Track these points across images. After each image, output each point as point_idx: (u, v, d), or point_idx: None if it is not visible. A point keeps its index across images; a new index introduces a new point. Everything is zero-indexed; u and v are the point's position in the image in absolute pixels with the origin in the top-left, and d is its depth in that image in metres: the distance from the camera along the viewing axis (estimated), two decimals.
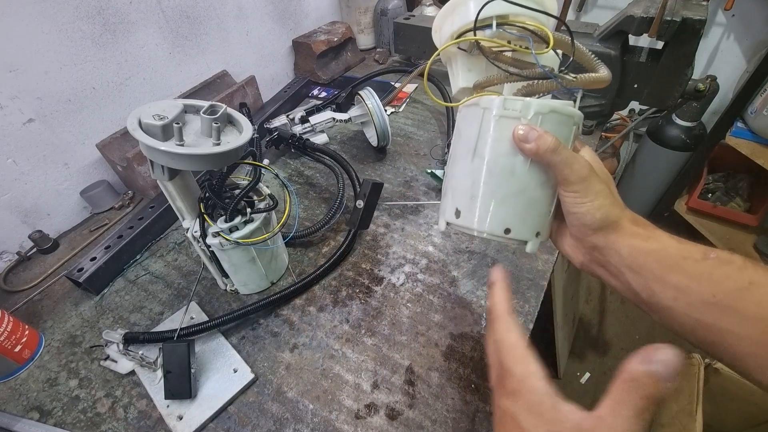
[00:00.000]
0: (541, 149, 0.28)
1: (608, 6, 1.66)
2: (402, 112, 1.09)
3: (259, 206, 0.57)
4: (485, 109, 0.31)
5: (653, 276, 0.29)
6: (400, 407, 0.50)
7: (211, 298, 0.64)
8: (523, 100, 0.30)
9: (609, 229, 0.31)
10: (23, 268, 0.73)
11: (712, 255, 0.28)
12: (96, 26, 0.74)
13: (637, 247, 0.30)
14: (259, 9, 1.07)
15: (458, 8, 0.34)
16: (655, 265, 0.29)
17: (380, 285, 0.65)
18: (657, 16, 0.74)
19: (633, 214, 0.32)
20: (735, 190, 1.70)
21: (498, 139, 0.30)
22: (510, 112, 0.30)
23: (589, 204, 0.30)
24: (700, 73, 1.64)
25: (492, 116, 0.30)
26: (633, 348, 0.22)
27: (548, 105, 0.30)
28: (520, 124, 0.29)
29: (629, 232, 0.31)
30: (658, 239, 0.30)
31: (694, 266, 0.28)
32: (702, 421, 0.91)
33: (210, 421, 0.50)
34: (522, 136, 0.29)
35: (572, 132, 0.31)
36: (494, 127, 0.30)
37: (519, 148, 0.29)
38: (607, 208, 0.30)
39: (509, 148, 0.30)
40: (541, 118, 0.29)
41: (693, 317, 0.27)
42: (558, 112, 0.30)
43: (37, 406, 0.53)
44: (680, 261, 0.28)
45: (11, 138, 0.68)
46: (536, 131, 0.29)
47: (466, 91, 0.36)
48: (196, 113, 0.49)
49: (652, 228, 0.31)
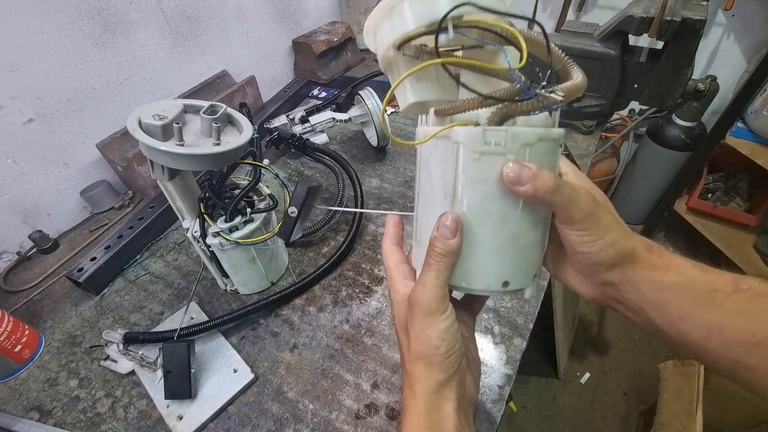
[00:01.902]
0: (539, 191, 0.24)
1: (608, 6, 1.66)
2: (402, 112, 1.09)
3: (259, 206, 0.57)
4: (460, 144, 0.25)
5: (679, 314, 0.26)
6: (400, 407, 0.50)
7: (211, 298, 0.64)
8: (507, 131, 0.24)
9: (624, 264, 0.27)
10: (23, 268, 0.73)
11: (744, 286, 0.25)
12: (96, 26, 0.74)
13: (657, 282, 0.27)
14: (259, 9, 1.07)
15: (397, 8, 0.27)
16: (681, 301, 0.26)
17: (380, 285, 0.65)
18: (657, 16, 0.74)
19: (646, 240, 0.28)
20: (735, 190, 1.70)
21: (482, 181, 0.25)
22: (492, 148, 0.24)
23: (601, 242, 0.26)
24: (700, 73, 1.64)
25: (470, 153, 0.25)
26: (633, 348, 0.22)
27: (535, 133, 0.25)
28: (508, 161, 0.24)
29: (647, 265, 0.27)
30: (679, 270, 0.27)
31: (725, 301, 0.25)
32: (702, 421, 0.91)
33: (210, 421, 0.50)
34: (513, 177, 0.24)
35: (558, 156, 0.27)
36: (475, 166, 0.25)
37: (511, 191, 0.25)
38: (621, 243, 0.27)
39: (497, 190, 0.25)
40: (528, 150, 0.25)
41: (731, 358, 0.25)
42: (546, 139, 0.25)
43: (37, 406, 0.53)
44: (708, 295, 0.25)
45: (11, 138, 0.68)
46: (529, 169, 0.24)
47: (419, 107, 0.30)
48: (196, 113, 0.49)
49: (669, 255, 0.28)
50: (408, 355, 0.30)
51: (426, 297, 0.27)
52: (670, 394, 1.06)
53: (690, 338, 0.26)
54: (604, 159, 1.88)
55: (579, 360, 1.51)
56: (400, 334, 0.32)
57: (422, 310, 0.28)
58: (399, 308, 0.31)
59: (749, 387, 0.25)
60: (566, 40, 0.88)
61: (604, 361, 1.50)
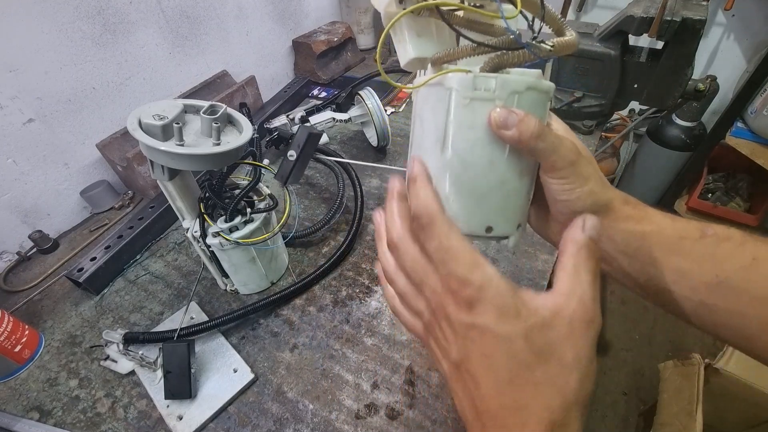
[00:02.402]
0: (524, 135, 0.24)
1: (608, 6, 1.66)
2: (402, 112, 1.09)
3: (259, 206, 0.57)
4: (452, 90, 0.26)
5: (650, 260, 0.28)
6: (400, 407, 0.50)
7: (211, 298, 0.64)
8: (497, 78, 0.25)
9: (600, 214, 0.28)
10: (23, 268, 0.73)
11: (710, 232, 0.27)
12: (96, 26, 0.74)
13: (631, 231, 0.28)
14: (259, 9, 1.07)
15: None
16: (652, 248, 0.28)
17: (380, 285, 0.65)
18: (657, 16, 0.74)
19: (623, 194, 0.30)
20: (735, 190, 1.70)
21: (471, 126, 0.26)
22: (482, 93, 0.25)
23: (579, 190, 0.27)
24: (700, 73, 1.64)
25: (461, 99, 0.26)
26: (633, 348, 0.22)
27: (524, 82, 0.26)
28: (497, 107, 0.25)
29: (622, 216, 0.29)
30: (651, 220, 0.29)
31: (693, 246, 0.27)
32: (702, 421, 0.91)
33: (210, 421, 0.50)
34: (500, 121, 0.25)
35: (547, 108, 0.28)
36: (465, 112, 0.26)
37: (498, 136, 0.25)
38: (599, 194, 0.28)
39: (485, 136, 0.26)
40: (517, 97, 0.26)
41: (695, 300, 0.26)
42: (535, 88, 0.26)
43: (37, 406, 0.53)
44: (678, 242, 0.27)
45: (11, 138, 0.68)
46: (516, 114, 0.24)
47: (419, 63, 0.30)
48: (196, 113, 0.49)
49: (644, 207, 0.29)
50: (562, 401, 0.20)
51: (494, 275, 0.22)
52: (670, 394, 1.06)
53: (659, 283, 0.28)
54: (604, 159, 1.88)
55: None
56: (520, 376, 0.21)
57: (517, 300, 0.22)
58: (507, 321, 0.21)
59: (711, 328, 0.27)
60: None
61: (604, 361, 1.50)
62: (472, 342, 0.22)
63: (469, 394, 0.23)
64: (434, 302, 0.24)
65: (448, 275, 0.23)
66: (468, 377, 0.23)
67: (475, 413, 0.23)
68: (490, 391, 0.22)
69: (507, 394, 0.21)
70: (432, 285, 0.24)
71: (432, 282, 0.24)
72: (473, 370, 0.22)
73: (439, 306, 0.24)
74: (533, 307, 0.22)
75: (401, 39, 0.30)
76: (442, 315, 0.24)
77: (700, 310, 0.27)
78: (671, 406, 1.02)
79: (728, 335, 0.26)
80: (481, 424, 0.22)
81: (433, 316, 0.25)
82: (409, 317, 0.28)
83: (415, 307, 0.27)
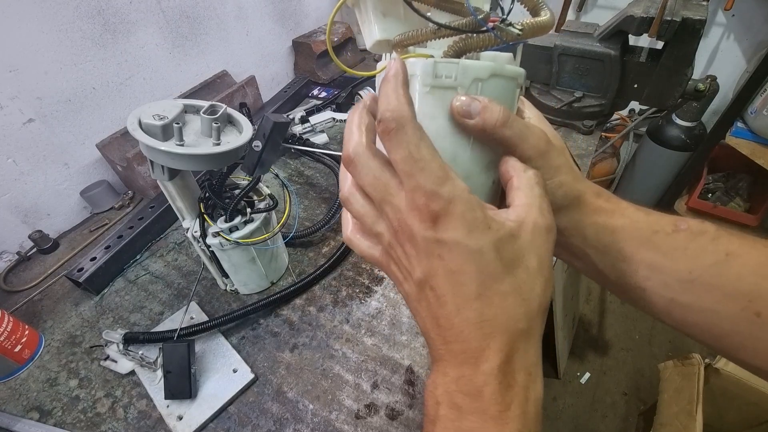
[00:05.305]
0: (488, 124, 0.23)
1: (608, 6, 1.66)
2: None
3: (259, 206, 0.57)
4: (416, 76, 0.24)
5: (621, 255, 0.26)
6: (400, 407, 0.50)
7: (211, 298, 0.64)
8: (458, 63, 0.23)
9: (571, 207, 0.27)
10: (23, 268, 0.73)
11: (683, 226, 0.25)
12: (96, 26, 0.74)
13: (602, 225, 0.27)
14: (259, 9, 1.07)
15: None
16: (624, 243, 0.26)
17: (380, 285, 0.65)
18: (657, 16, 0.74)
19: (596, 186, 0.28)
20: (735, 190, 1.70)
21: (432, 116, 0.24)
22: (443, 81, 0.23)
23: (549, 182, 0.25)
24: (700, 73, 1.64)
25: (422, 87, 0.24)
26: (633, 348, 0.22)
27: (488, 68, 0.24)
28: (458, 95, 0.23)
29: (593, 209, 0.27)
30: (624, 213, 0.27)
31: (665, 241, 0.25)
32: (702, 421, 0.91)
33: (210, 421, 0.50)
34: (462, 110, 0.23)
35: (516, 95, 0.26)
36: (426, 101, 0.24)
37: (461, 125, 0.23)
38: (570, 186, 0.26)
39: (448, 126, 0.24)
40: (481, 85, 0.24)
41: (668, 297, 0.25)
42: (501, 75, 0.24)
43: (37, 406, 0.53)
44: (650, 236, 0.26)
45: (11, 138, 0.68)
46: (479, 102, 0.23)
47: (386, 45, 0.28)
48: (196, 113, 0.49)
49: (616, 200, 0.28)
50: (527, 309, 0.21)
51: (464, 190, 0.21)
52: (670, 394, 1.06)
53: (631, 279, 0.27)
54: (604, 159, 1.88)
55: (579, 360, 1.51)
56: (495, 282, 0.21)
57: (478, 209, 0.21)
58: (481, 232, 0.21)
59: (682, 325, 0.26)
60: (566, 40, 0.88)
61: (604, 361, 1.50)
62: (439, 259, 0.21)
63: (432, 313, 0.22)
64: (396, 221, 0.22)
65: (415, 189, 0.21)
66: (432, 295, 0.22)
67: (438, 331, 0.22)
68: (455, 307, 0.21)
69: (473, 308, 0.21)
70: (395, 202, 0.22)
71: (395, 199, 0.22)
72: (438, 288, 0.21)
73: (402, 224, 0.22)
74: (500, 220, 0.21)
75: (366, 19, 0.27)
76: (405, 235, 0.22)
77: (671, 308, 0.26)
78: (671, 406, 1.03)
79: (699, 333, 0.25)
80: (443, 340, 0.22)
81: (394, 236, 0.23)
82: (366, 245, 0.26)
83: (373, 230, 0.24)
